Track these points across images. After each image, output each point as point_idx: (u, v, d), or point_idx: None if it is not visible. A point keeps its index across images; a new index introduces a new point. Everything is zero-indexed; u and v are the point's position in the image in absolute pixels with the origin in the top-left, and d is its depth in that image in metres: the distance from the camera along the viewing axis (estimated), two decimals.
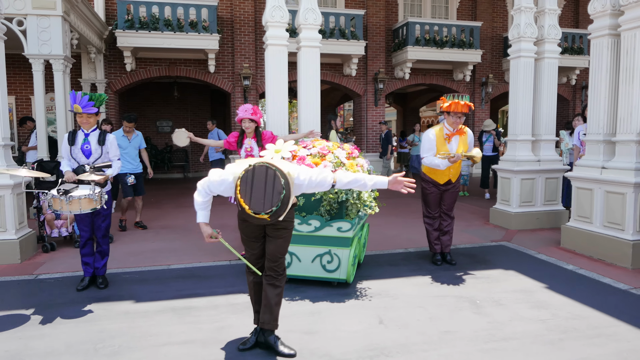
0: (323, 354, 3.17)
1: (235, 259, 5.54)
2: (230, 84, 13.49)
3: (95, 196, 4.09)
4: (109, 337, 3.46)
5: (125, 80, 12.80)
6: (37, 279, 4.83)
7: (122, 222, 7.23)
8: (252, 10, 13.40)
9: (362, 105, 14.66)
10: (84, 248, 4.49)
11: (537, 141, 7.48)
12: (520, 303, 4.11)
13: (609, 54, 5.62)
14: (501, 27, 15.68)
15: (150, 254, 5.77)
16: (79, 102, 4.31)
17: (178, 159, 16.47)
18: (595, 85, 5.78)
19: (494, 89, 15.53)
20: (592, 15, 5.75)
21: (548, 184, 7.37)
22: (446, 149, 5.02)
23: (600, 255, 5.49)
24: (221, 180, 2.89)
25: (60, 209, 4.01)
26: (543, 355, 3.17)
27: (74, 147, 4.44)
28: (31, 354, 3.21)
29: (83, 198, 4.02)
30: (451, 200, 5.30)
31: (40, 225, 6.07)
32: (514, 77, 7.43)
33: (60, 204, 4.00)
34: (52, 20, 7.64)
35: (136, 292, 4.43)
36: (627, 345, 3.31)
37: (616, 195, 5.35)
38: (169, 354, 3.20)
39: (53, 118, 10.78)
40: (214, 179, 2.92)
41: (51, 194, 4.03)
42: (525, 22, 7.15)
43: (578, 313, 3.88)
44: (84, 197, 4.03)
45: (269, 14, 6.04)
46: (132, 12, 11.57)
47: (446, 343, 3.34)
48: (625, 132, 5.33)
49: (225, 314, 3.89)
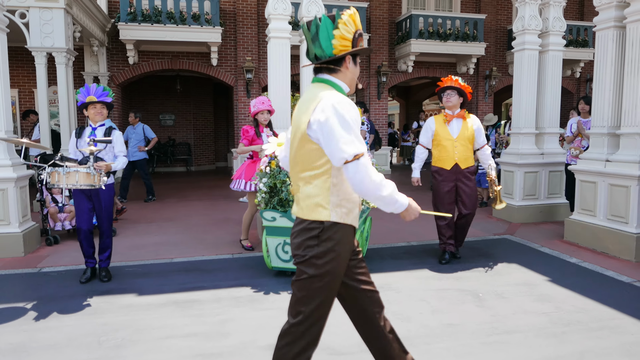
0: (325, 347, 3.17)
1: (238, 252, 5.55)
2: (232, 77, 13.46)
3: (94, 171, 4.07)
4: (112, 330, 3.47)
5: (128, 74, 12.79)
6: (41, 272, 4.85)
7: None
8: (254, 3, 13.35)
9: (364, 99, 14.61)
10: (84, 240, 4.49)
11: (540, 134, 7.44)
12: (523, 296, 4.10)
13: (614, 46, 5.57)
14: (505, 20, 15.58)
15: (153, 248, 5.79)
16: (94, 93, 4.32)
17: (181, 152, 16.47)
18: (599, 78, 5.74)
19: (498, 82, 15.46)
20: (597, 7, 5.70)
21: (552, 177, 7.34)
22: (446, 131, 4.96)
23: (604, 249, 5.47)
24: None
25: (57, 181, 3.99)
26: (546, 348, 3.17)
27: (80, 140, 4.45)
28: (35, 346, 3.22)
29: (81, 171, 4.03)
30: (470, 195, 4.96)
31: (44, 218, 6.09)
32: (518, 70, 7.38)
33: (57, 177, 4.00)
34: (55, 12, 7.63)
35: (139, 285, 4.44)
36: (631, 338, 3.30)
37: (620, 188, 5.33)
38: (172, 346, 3.21)
39: (56, 111, 10.81)
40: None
41: (50, 168, 4.03)
42: (530, 15, 7.10)
43: (581, 306, 3.87)
44: (82, 171, 4.03)
45: (272, 6, 6.01)
46: (134, 4, 11.53)
47: (449, 336, 3.34)
48: (630, 125, 5.29)
49: (228, 307, 3.90)
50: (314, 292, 2.12)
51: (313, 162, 2.05)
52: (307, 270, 2.10)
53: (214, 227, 6.97)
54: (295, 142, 2.12)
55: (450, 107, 4.95)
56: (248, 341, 3.28)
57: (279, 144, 4.31)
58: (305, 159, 2.07)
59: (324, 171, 2.04)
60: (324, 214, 2.05)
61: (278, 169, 4.37)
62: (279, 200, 4.49)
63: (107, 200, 4.46)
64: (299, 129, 2.07)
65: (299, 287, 2.16)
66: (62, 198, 6.27)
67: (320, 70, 2.13)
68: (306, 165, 2.08)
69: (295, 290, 2.19)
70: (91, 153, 4.10)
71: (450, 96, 4.91)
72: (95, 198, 4.41)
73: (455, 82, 4.90)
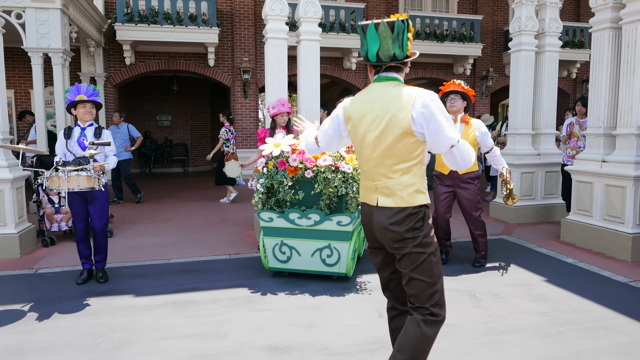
0: (323, 348, 3.17)
1: (235, 253, 5.55)
2: (230, 77, 13.46)
3: (94, 173, 4.08)
4: (110, 331, 3.46)
5: (125, 74, 12.77)
6: (37, 274, 4.83)
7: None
8: (251, 4, 13.34)
9: None
10: (80, 242, 4.48)
11: (537, 135, 7.47)
12: (520, 296, 4.11)
13: (610, 47, 5.59)
14: (502, 21, 15.63)
15: (150, 248, 5.78)
16: (84, 92, 4.31)
17: (178, 153, 16.46)
18: (596, 79, 5.76)
19: (495, 83, 15.49)
20: (593, 8, 5.72)
21: (548, 178, 7.37)
22: None
23: (600, 249, 5.49)
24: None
25: (58, 186, 3.99)
26: (543, 348, 3.17)
27: (69, 140, 4.42)
28: (31, 348, 3.21)
29: (82, 175, 4.02)
30: (468, 199, 4.90)
31: (40, 219, 6.07)
32: (514, 70, 7.40)
33: (58, 181, 3.99)
34: (51, 13, 7.60)
35: (136, 286, 4.44)
36: (627, 338, 3.31)
37: (616, 188, 5.35)
38: (169, 347, 3.21)
39: (52, 112, 10.78)
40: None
41: (49, 172, 4.02)
42: (526, 15, 7.12)
43: (578, 306, 3.88)
44: (83, 175, 4.02)
45: (269, 7, 6.00)
46: (131, 5, 11.53)
47: (446, 336, 3.34)
48: (626, 126, 5.31)
49: (225, 307, 3.89)
50: (436, 266, 2.29)
51: (412, 154, 2.24)
52: (425, 250, 2.26)
53: (211, 227, 6.96)
54: (389, 137, 2.23)
55: (455, 112, 4.82)
56: (245, 342, 3.27)
57: (276, 145, 4.32)
58: (404, 151, 2.24)
59: (419, 161, 2.27)
60: (422, 197, 2.28)
61: (275, 169, 4.37)
62: (276, 200, 4.49)
63: (102, 200, 4.45)
64: (395, 125, 2.21)
65: (422, 272, 2.25)
66: (58, 199, 6.25)
67: (388, 69, 2.31)
68: (404, 157, 2.25)
69: (418, 276, 2.26)
70: (91, 156, 4.10)
71: (455, 101, 4.81)
72: (90, 199, 4.40)
73: (458, 86, 4.79)
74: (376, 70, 2.33)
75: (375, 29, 2.22)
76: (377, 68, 2.32)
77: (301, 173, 4.30)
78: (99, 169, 4.21)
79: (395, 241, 2.26)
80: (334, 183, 4.21)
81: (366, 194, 2.37)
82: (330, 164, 4.25)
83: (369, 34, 2.25)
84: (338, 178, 4.22)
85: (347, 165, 4.27)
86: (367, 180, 2.36)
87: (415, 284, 2.26)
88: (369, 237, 2.43)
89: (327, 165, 4.24)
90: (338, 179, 4.21)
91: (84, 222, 4.46)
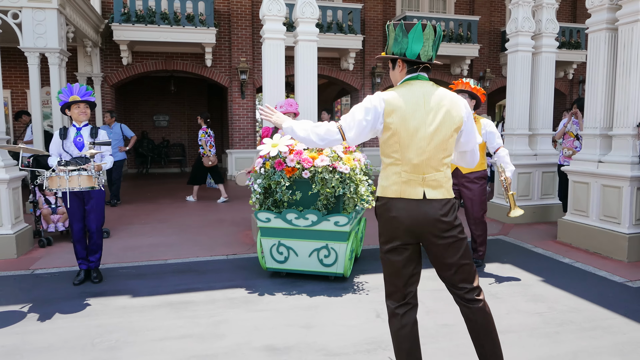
0: (320, 348, 3.18)
1: (232, 254, 5.54)
2: (227, 78, 13.44)
3: (95, 173, 4.09)
4: (107, 331, 3.45)
5: (122, 74, 12.74)
6: (34, 274, 4.82)
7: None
8: (249, 4, 13.33)
9: (359, 100, 14.61)
10: (77, 242, 4.48)
11: (534, 135, 7.49)
12: (517, 296, 4.13)
13: (606, 47, 5.61)
14: (499, 22, 15.67)
15: (147, 249, 5.77)
16: (77, 92, 4.29)
17: (175, 153, 16.43)
18: (592, 79, 5.78)
19: (492, 84, 15.53)
20: (589, 9, 5.74)
21: (545, 178, 7.39)
22: None
23: (597, 249, 5.51)
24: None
25: (59, 186, 3.98)
26: (540, 348, 3.18)
27: (65, 140, 4.41)
28: (28, 349, 3.21)
29: (83, 174, 4.02)
30: (472, 199, 4.85)
31: (37, 220, 6.05)
32: (511, 71, 7.43)
33: (59, 181, 3.97)
34: (48, 13, 7.58)
35: (133, 286, 4.43)
36: (623, 338, 3.32)
37: (612, 189, 5.37)
38: (166, 348, 3.20)
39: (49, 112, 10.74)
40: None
41: (49, 172, 4.01)
42: (523, 16, 7.14)
43: (574, 306, 3.90)
44: (84, 174, 4.02)
45: (266, 7, 6.00)
46: (128, 5, 11.50)
47: (443, 336, 3.35)
48: (622, 126, 5.33)
49: (222, 308, 3.89)
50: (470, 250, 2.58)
51: (452, 149, 2.43)
52: (465, 236, 2.44)
53: (208, 228, 6.95)
54: (443, 131, 2.34)
55: None
56: (243, 342, 3.27)
57: (273, 145, 4.32)
58: (450, 146, 2.39)
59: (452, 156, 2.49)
60: (452, 191, 2.48)
61: (273, 169, 4.37)
62: (274, 201, 4.49)
63: (99, 200, 4.45)
64: (448, 121, 2.34)
65: (467, 256, 2.43)
66: (54, 200, 6.23)
67: (424, 69, 2.43)
68: (450, 151, 2.40)
69: (466, 261, 2.43)
70: (92, 155, 4.10)
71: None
72: (87, 199, 4.40)
73: (466, 85, 4.70)
74: (410, 69, 2.41)
75: (421, 30, 2.34)
76: (413, 67, 2.40)
77: (298, 173, 4.29)
78: (97, 169, 4.20)
79: (445, 231, 2.37)
80: (332, 183, 4.21)
81: (407, 188, 2.33)
82: (328, 165, 4.24)
83: (412, 33, 2.33)
84: (335, 178, 4.21)
85: (344, 165, 4.26)
86: (412, 173, 2.32)
87: (464, 269, 2.42)
88: (403, 233, 2.39)
89: (324, 166, 4.23)
90: (335, 180, 4.21)
91: (81, 223, 4.45)
